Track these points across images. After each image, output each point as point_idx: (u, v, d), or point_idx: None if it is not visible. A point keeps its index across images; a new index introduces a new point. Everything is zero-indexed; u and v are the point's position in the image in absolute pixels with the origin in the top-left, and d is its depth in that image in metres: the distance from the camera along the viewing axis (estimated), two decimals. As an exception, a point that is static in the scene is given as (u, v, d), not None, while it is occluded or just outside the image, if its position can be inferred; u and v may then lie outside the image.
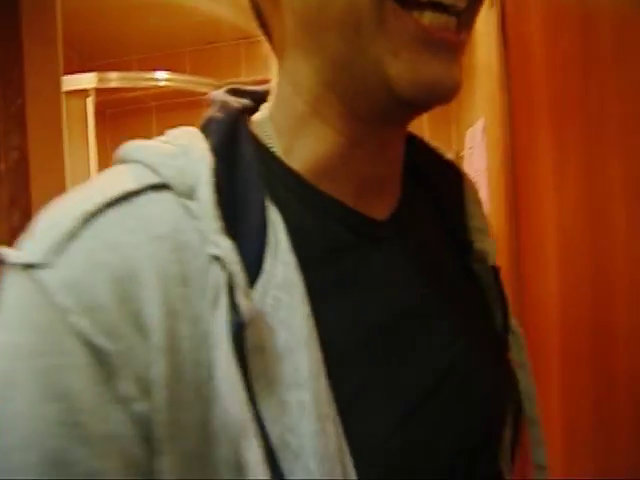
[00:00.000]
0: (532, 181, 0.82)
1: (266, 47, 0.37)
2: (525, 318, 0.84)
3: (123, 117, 2.39)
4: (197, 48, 2.32)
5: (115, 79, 1.66)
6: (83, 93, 1.61)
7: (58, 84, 1.06)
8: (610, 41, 0.56)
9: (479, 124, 1.56)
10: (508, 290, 0.91)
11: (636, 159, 0.54)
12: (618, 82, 0.56)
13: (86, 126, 1.60)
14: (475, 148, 1.63)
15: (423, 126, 2.25)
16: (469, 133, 1.71)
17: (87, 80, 1.59)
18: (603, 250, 0.62)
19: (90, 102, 1.60)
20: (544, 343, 0.80)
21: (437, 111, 1.36)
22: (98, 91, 1.64)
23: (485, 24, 0.92)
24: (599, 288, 0.63)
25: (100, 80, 1.62)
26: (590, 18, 0.59)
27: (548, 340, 0.79)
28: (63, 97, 1.42)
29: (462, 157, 1.95)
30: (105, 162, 2.37)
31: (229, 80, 2.10)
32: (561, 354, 0.76)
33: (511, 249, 0.88)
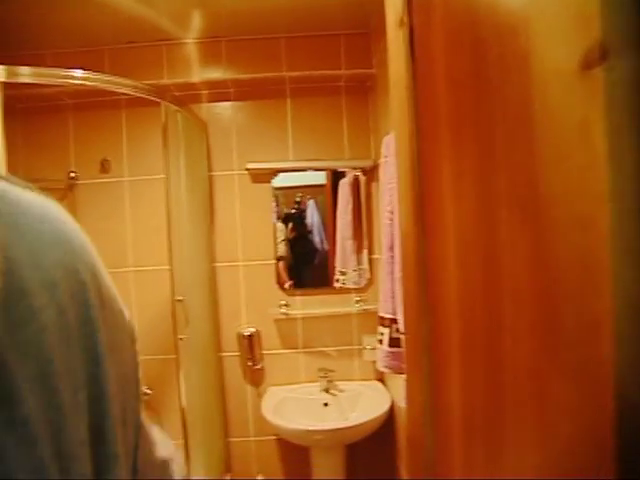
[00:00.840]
0: (435, 188, 0.88)
1: (188, 49, 0.38)
2: (429, 313, 0.90)
3: (36, 114, 2.29)
4: (117, 47, 2.27)
5: (26, 74, 1.57)
6: (-10, 86, 1.52)
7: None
8: (495, 61, 0.63)
9: (392, 134, 1.64)
10: (415, 287, 0.97)
11: (519, 171, 0.60)
12: (503, 101, 0.63)
13: (-6, 122, 1.50)
14: (389, 157, 1.71)
15: (343, 135, 2.32)
16: (385, 142, 1.79)
17: (-5, 73, 1.49)
18: (492, 250, 0.68)
19: (-1, 96, 1.51)
20: (445, 336, 0.87)
21: (357, 121, 1.44)
22: (6, 85, 1.55)
23: (396, 41, 0.99)
24: (490, 284, 0.69)
25: (9, 74, 1.53)
26: (480, 41, 0.65)
27: (449, 332, 0.85)
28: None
29: (379, 164, 2.03)
30: (15, 160, 2.25)
31: (149, 82, 2.07)
32: (459, 346, 0.82)
33: (417, 250, 0.94)
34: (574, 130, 0.52)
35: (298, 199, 2.35)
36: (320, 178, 2.36)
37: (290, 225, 2.35)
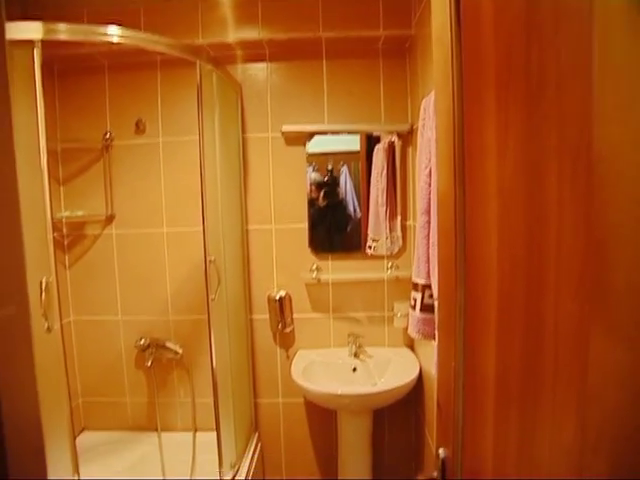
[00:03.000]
0: (477, 145, 0.84)
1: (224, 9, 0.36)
2: (468, 272, 0.87)
3: (74, 75, 2.30)
4: (153, 5, 2.24)
5: (64, 31, 1.56)
6: (28, 44, 1.51)
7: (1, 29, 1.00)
8: (550, 9, 0.58)
9: (432, 95, 1.58)
10: (452, 249, 0.94)
11: (572, 123, 0.57)
12: (556, 49, 0.59)
13: (33, 82, 1.50)
14: (427, 119, 1.66)
15: (380, 100, 2.26)
16: (423, 104, 1.73)
17: (33, 29, 1.49)
18: (537, 207, 0.65)
19: (37, 55, 1.50)
20: (482, 299, 0.84)
21: (394, 84, 1.38)
22: (44, 44, 1.54)
23: (441, -4, 0.94)
24: (534, 243, 0.67)
25: (47, 31, 1.52)
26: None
27: (486, 296, 0.83)
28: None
29: (415, 128, 1.98)
30: (53, 121, 2.28)
31: (185, 41, 2.05)
32: (497, 309, 0.80)
33: (456, 211, 0.91)
34: (637, 79, 0.48)
35: (330, 167, 2.32)
36: (354, 144, 2.31)
37: (322, 192, 2.33)
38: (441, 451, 1.01)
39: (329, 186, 2.33)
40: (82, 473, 2.12)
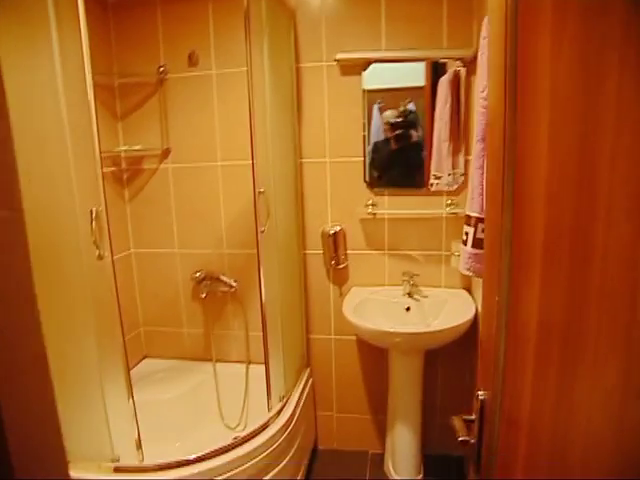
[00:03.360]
0: (531, 62, 0.75)
1: None
2: (516, 195, 0.79)
3: (127, 9, 2.28)
4: None
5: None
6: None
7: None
8: None
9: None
10: (499, 174, 0.85)
11: (635, 29, 0.46)
12: None
13: (77, 14, 1.48)
14: (487, 37, 1.51)
15: (442, 23, 2.09)
16: (485, 21, 1.58)
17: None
18: (592, 126, 0.55)
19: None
20: (529, 229, 0.76)
21: (457, 4, 1.21)
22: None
23: None
24: (585, 167, 0.57)
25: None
26: None
27: (533, 225, 0.74)
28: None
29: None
30: (109, 55, 2.29)
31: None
32: (544, 239, 0.71)
33: (506, 133, 0.81)
34: None
35: (403, 107, 2.19)
36: (419, 78, 2.16)
37: (395, 134, 2.21)
38: (480, 393, 0.95)
39: (402, 127, 2.21)
40: (141, 397, 2.23)
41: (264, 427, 1.93)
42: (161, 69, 2.27)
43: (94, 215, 1.53)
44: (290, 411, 2.06)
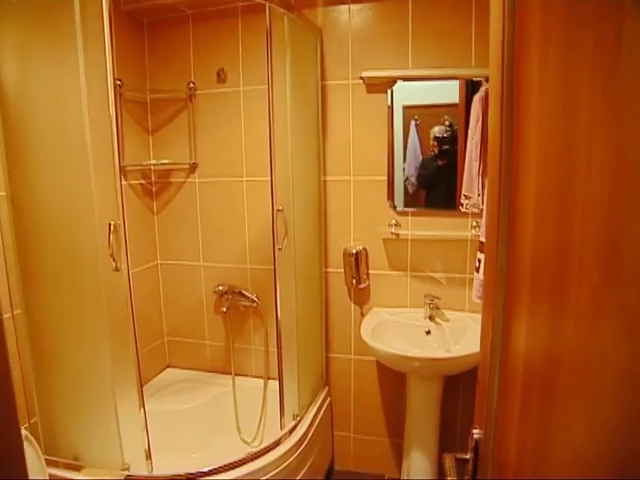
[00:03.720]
0: (523, 81, 0.74)
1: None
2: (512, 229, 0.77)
3: (161, 27, 2.34)
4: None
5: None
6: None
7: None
8: None
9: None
10: (496, 202, 0.82)
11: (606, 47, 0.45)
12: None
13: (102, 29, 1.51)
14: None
15: (470, 40, 2.04)
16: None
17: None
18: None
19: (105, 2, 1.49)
20: (520, 264, 0.74)
21: (486, 22, 1.13)
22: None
23: None
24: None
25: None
26: None
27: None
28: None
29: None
30: (142, 73, 2.35)
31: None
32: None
33: (502, 158, 0.80)
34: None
35: (449, 122, 2.15)
36: (454, 96, 2.12)
37: (441, 149, 2.18)
38: (476, 432, 0.92)
39: (450, 143, 2.17)
40: (161, 406, 2.27)
41: (276, 444, 1.93)
42: (191, 85, 2.31)
43: (112, 228, 1.56)
44: (303, 430, 2.04)
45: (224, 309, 2.40)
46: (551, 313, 0.64)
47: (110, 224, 1.56)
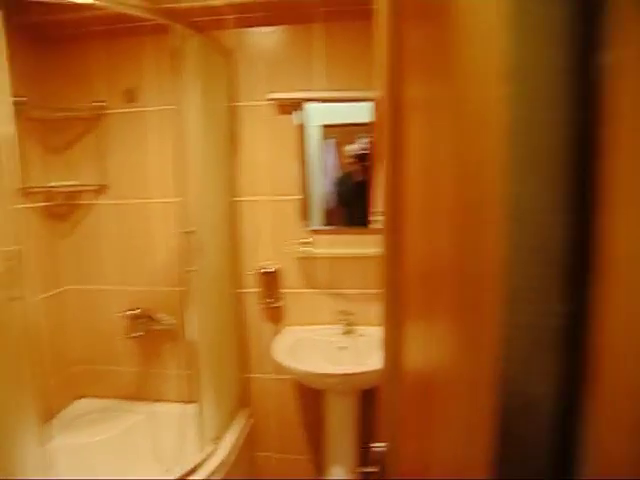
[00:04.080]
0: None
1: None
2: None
3: (68, 42, 2.27)
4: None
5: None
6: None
7: None
8: None
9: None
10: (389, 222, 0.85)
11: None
12: None
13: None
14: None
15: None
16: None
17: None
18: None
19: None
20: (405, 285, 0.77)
21: None
22: (33, 12, 1.48)
23: None
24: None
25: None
26: None
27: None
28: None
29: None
30: (47, 90, 2.26)
31: (168, 5, 1.98)
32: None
33: (390, 179, 0.84)
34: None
35: (365, 140, 2.18)
36: (367, 115, 2.16)
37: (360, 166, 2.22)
38: (378, 445, 0.95)
39: (367, 160, 2.21)
40: (70, 439, 2.17)
41: (194, 470, 1.89)
42: (98, 104, 2.25)
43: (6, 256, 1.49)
44: (224, 453, 2.02)
45: (139, 333, 2.34)
46: (425, 326, 0.67)
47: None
